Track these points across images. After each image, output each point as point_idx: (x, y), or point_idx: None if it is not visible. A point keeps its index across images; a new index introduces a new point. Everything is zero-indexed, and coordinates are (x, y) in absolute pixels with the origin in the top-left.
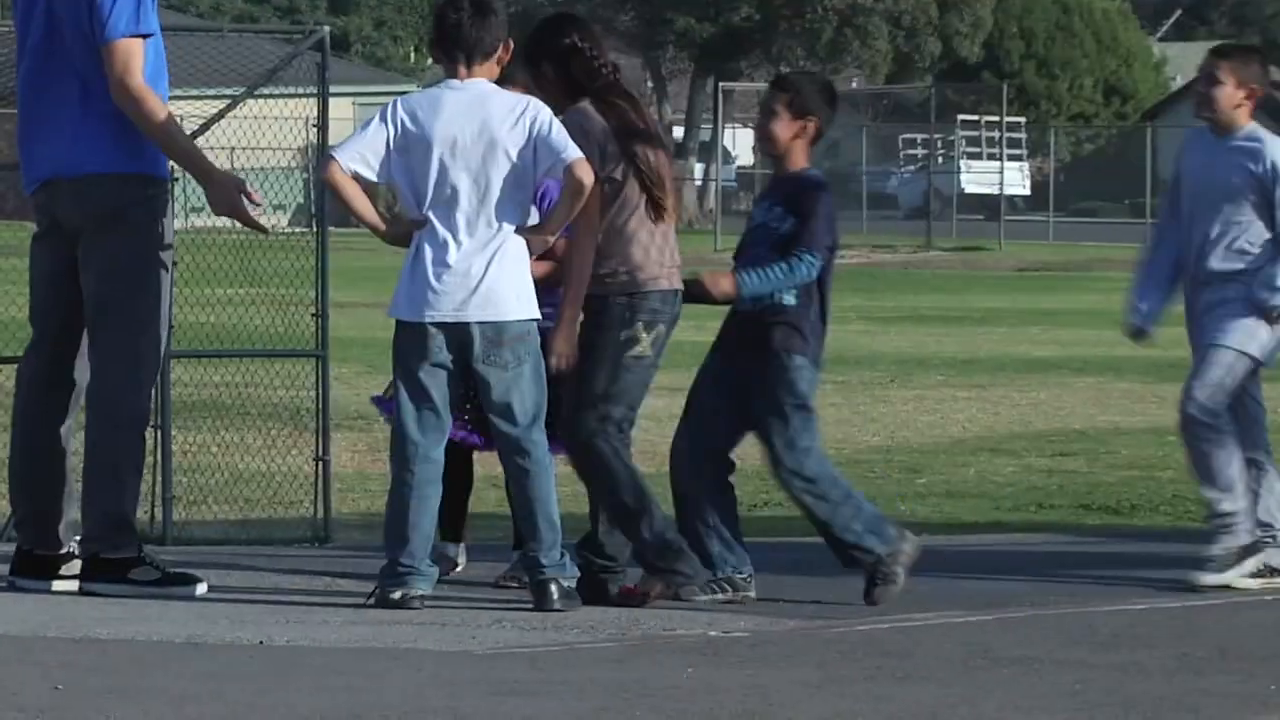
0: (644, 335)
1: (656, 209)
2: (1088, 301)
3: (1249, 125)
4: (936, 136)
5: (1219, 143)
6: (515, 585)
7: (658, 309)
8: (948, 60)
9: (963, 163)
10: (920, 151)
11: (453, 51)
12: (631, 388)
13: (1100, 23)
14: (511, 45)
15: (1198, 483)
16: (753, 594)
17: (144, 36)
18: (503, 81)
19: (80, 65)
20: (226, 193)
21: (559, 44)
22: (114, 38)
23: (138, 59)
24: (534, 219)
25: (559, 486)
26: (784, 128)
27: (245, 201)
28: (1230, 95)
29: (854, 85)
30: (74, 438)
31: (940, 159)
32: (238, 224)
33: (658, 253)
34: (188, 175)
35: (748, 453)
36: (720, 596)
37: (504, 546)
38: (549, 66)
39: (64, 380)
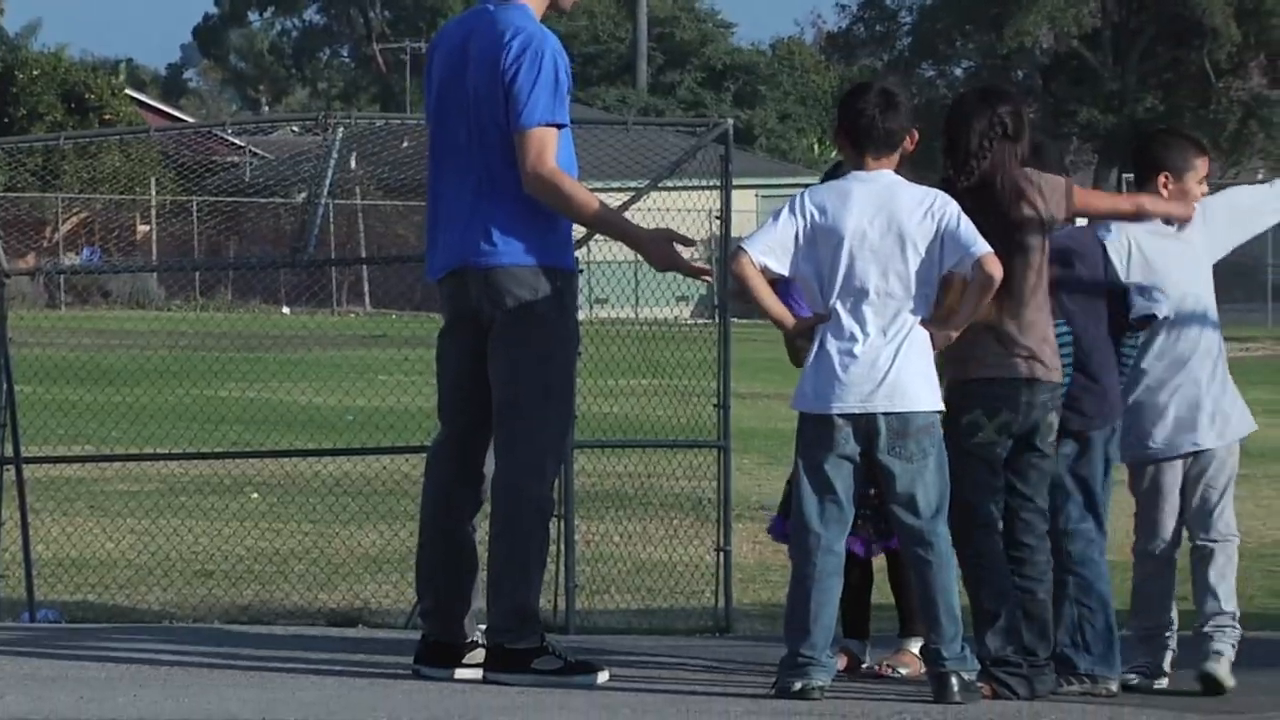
0: (986, 422)
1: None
2: None
3: None
4: None
5: None
6: (891, 673)
7: (999, 396)
8: None
9: None
10: None
11: (860, 143)
12: (979, 479)
13: None
14: (916, 136)
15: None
16: (1114, 688)
17: (559, 126)
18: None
19: (492, 154)
20: (661, 249)
21: (949, 127)
22: (529, 126)
23: (551, 147)
24: None
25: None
26: None
27: (680, 249)
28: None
29: (1259, 177)
30: (479, 527)
31: None
32: (640, 315)
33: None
34: (590, 266)
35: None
36: (1076, 688)
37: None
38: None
39: (473, 473)
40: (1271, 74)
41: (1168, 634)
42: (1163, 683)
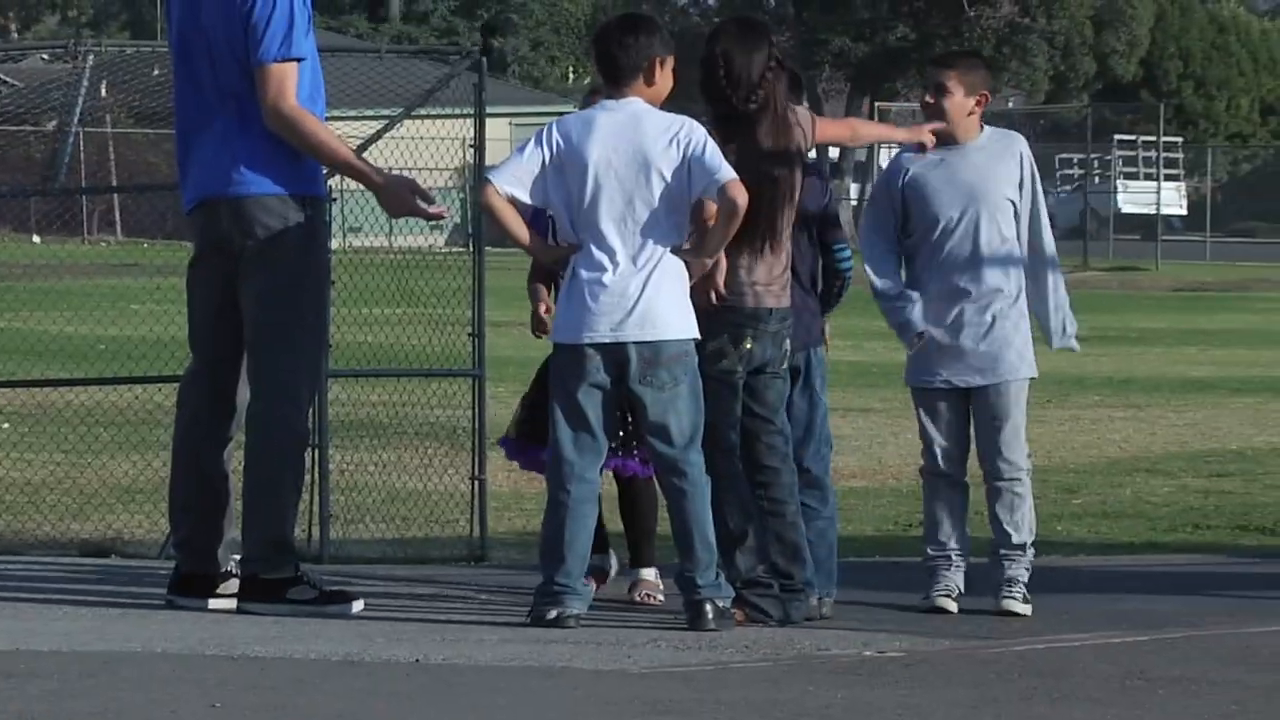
0: (730, 350)
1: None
2: (1245, 321)
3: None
4: (1093, 156)
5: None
6: (651, 600)
7: (741, 324)
8: (1104, 80)
9: (1119, 182)
10: (1077, 171)
11: (605, 71)
12: (721, 405)
13: (1258, 42)
14: (669, 62)
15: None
16: (827, 609)
17: (296, 60)
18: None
19: (236, 87)
20: (398, 194)
21: (708, 54)
22: (266, 61)
23: (290, 82)
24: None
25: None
26: None
27: (418, 199)
28: (961, 104)
29: (1010, 105)
30: (233, 457)
31: (1097, 179)
32: (395, 244)
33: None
34: (344, 195)
35: (902, 469)
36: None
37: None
38: (701, 71)
39: (225, 403)
40: (1021, 3)
41: (955, 556)
42: (953, 606)
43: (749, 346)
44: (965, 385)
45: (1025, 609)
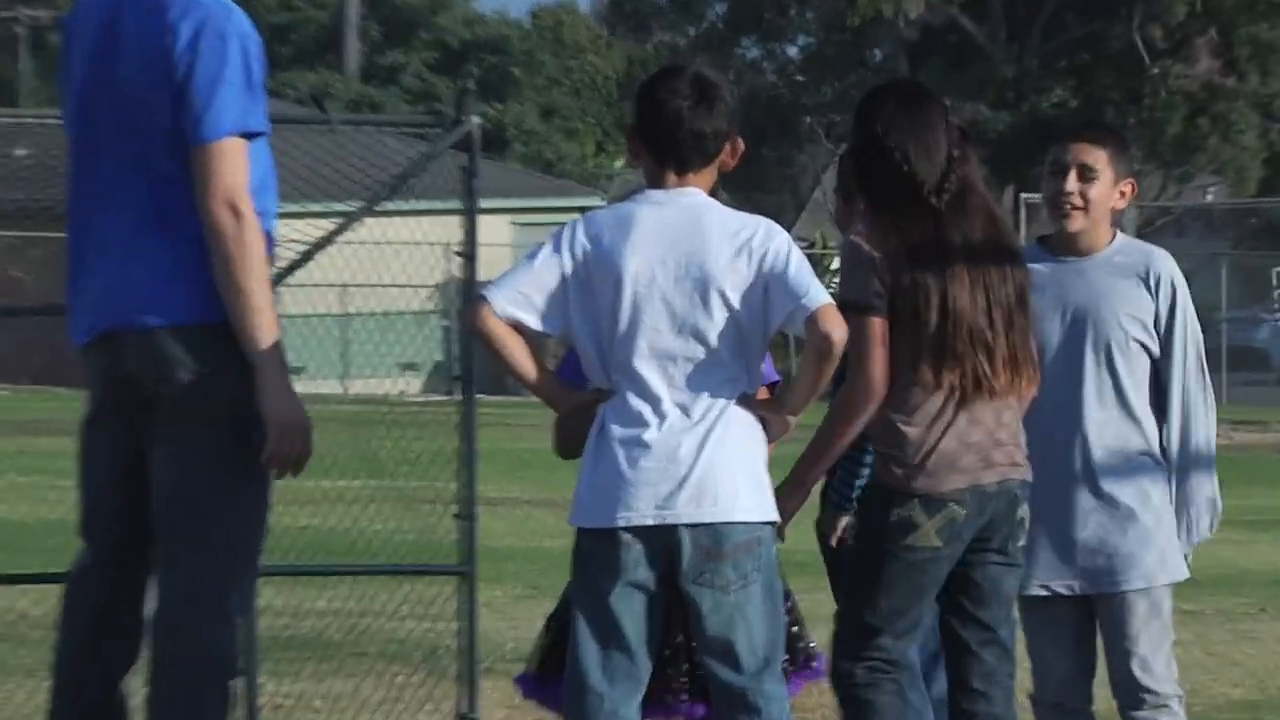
0: (923, 519)
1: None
2: None
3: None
4: None
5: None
6: None
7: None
8: None
9: None
10: None
11: (662, 151)
12: (906, 596)
13: None
14: (740, 146)
15: None
16: None
17: (253, 135)
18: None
19: (155, 175)
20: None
21: (873, 143)
22: (213, 138)
23: (244, 165)
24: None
25: None
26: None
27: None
28: (1106, 196)
29: (1209, 197)
30: (135, 690)
31: None
32: (350, 391)
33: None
34: (282, 323)
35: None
36: None
37: None
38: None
39: (128, 612)
40: (1225, 54)
41: None
42: None
43: (959, 515)
44: (1077, 593)
45: None
